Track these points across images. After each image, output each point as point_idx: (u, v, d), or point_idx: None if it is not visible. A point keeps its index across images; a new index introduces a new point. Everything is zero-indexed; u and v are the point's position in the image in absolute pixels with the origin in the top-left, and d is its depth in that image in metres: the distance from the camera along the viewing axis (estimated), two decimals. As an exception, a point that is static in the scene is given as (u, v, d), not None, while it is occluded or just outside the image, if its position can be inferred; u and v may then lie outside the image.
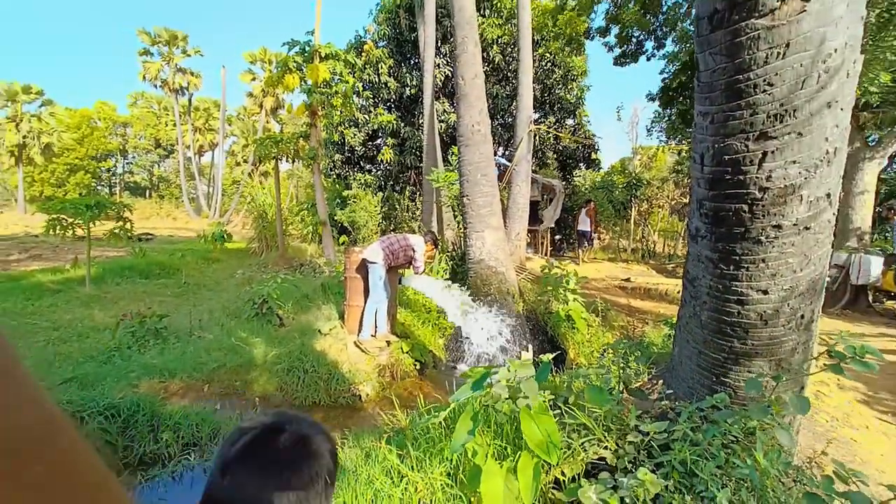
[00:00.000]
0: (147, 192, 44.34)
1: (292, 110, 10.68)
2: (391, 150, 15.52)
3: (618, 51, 11.68)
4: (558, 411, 2.38)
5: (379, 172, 16.85)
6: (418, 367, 5.15)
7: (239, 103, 41.59)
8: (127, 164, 44.73)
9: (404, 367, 4.99)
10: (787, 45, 1.34)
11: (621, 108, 21.07)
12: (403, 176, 16.45)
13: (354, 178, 16.05)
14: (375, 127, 15.57)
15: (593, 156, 17.60)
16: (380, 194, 15.80)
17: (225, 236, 14.04)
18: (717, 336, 1.95)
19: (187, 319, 5.73)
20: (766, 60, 1.38)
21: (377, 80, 15.13)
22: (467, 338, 5.75)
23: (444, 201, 11.58)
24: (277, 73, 9.71)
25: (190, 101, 34.03)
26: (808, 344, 1.92)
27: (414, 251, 5.09)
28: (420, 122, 15.57)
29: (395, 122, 15.20)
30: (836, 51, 1.40)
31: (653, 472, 1.89)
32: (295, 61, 9.64)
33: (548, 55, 14.99)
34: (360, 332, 5.03)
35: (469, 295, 6.37)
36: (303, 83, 9.94)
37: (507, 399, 2.50)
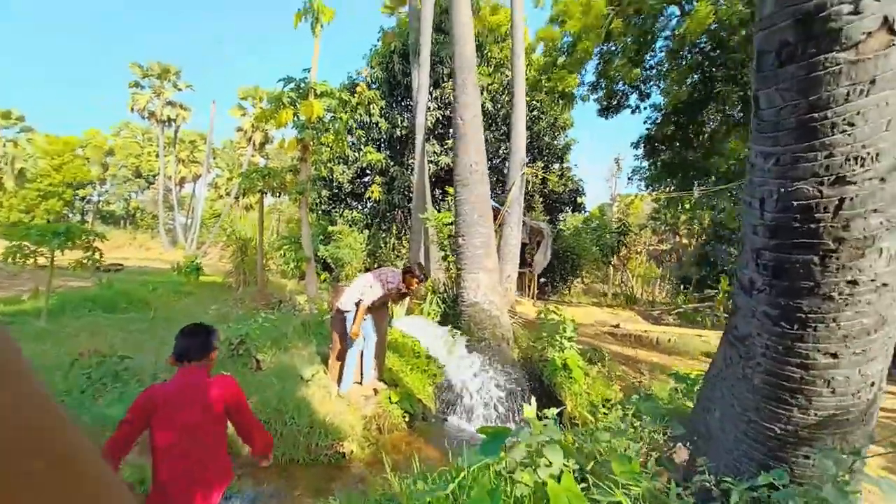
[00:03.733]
0: (123, 221, 43.00)
1: (284, 144, 10.57)
2: (379, 189, 15.49)
3: (604, 103, 12.21)
4: (584, 485, 2.07)
5: (366, 210, 16.73)
6: (407, 418, 4.72)
7: (226, 137, 41.68)
8: (105, 192, 43.58)
9: (392, 418, 4.56)
10: (873, 82, 1.22)
11: (621, 159, 21.49)
12: (390, 214, 16.35)
13: (340, 215, 15.85)
14: (364, 165, 15.61)
15: (579, 200, 17.99)
16: (366, 232, 15.59)
17: (198, 268, 13.45)
18: (773, 403, 1.71)
19: (153, 359, 5.19)
20: (847, 98, 1.25)
21: (368, 120, 15.33)
22: (459, 386, 5.37)
23: (433, 241, 11.42)
24: (271, 108, 9.66)
25: (176, 132, 33.87)
26: (873, 416, 1.70)
27: (389, 283, 4.45)
28: (409, 162, 15.71)
29: (384, 161, 15.27)
30: (919, 91, 1.29)
31: (712, 570, 1.59)
32: (289, 97, 9.62)
33: (536, 104, 15.55)
34: (340, 381, 4.59)
35: (462, 339, 6.05)
36: (296, 118, 9.90)
37: (527, 468, 2.18)
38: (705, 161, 11.85)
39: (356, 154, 15.49)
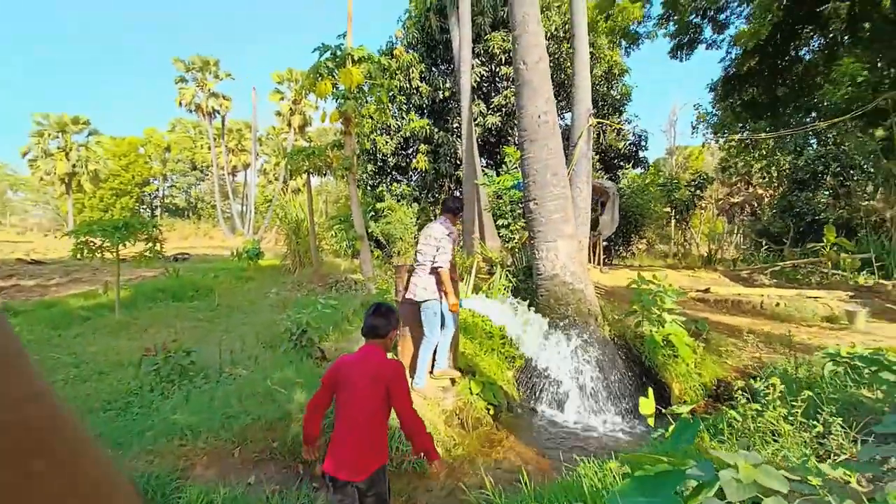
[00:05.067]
0: (186, 212, 45.64)
1: (325, 118, 10.10)
2: (425, 158, 14.77)
3: (676, 40, 10.54)
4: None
5: (413, 182, 16.14)
6: (492, 410, 4.17)
7: (269, 123, 42.47)
8: (168, 186, 46.32)
9: (476, 411, 4.02)
10: None
11: (700, 107, 17.51)
12: (438, 184, 15.66)
13: (388, 190, 15.38)
14: (407, 135, 14.90)
15: (640, 154, 16.30)
16: (415, 205, 15.05)
17: (258, 253, 13.61)
18: None
19: (217, 351, 4.98)
20: None
21: (408, 85, 14.50)
22: (545, 370, 4.74)
23: (486, 209, 10.66)
24: (309, 80, 9.11)
25: (223, 123, 34.72)
26: None
27: (438, 245, 3.85)
28: (454, 126, 14.81)
29: (428, 127, 14.48)
30: None
31: None
32: (326, 66, 9.01)
33: (591, 49, 13.92)
34: (413, 376, 4.07)
35: (539, 316, 5.36)
36: (335, 89, 9.31)
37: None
38: (803, 95, 9.99)
39: (398, 123, 14.80)
